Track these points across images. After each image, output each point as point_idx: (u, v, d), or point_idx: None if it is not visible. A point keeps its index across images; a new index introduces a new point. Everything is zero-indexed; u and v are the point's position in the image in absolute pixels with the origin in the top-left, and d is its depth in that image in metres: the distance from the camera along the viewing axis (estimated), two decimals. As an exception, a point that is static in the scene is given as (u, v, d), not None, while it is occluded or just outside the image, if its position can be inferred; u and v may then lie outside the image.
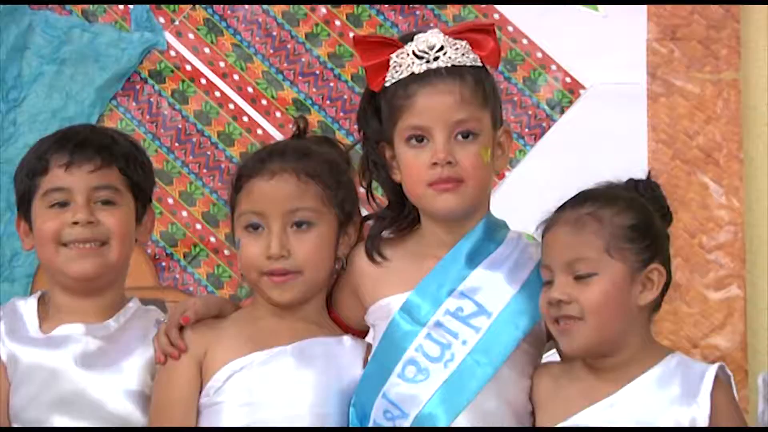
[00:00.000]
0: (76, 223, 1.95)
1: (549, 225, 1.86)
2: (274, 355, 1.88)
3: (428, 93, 1.84)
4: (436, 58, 1.82)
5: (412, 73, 1.85)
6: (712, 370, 1.78)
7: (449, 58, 1.83)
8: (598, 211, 1.80)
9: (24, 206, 2.02)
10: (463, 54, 1.86)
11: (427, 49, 1.83)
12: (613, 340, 1.80)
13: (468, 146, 1.84)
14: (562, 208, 1.86)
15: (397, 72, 1.88)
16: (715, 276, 2.85)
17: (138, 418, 1.93)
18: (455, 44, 1.85)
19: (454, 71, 1.84)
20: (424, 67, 1.83)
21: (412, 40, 1.87)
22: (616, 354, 1.82)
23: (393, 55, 1.87)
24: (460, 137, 1.83)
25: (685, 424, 1.79)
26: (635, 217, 1.81)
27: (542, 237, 1.89)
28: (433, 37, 1.83)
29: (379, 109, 1.92)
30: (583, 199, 1.84)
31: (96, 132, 2.18)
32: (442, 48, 1.83)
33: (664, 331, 2.73)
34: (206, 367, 1.90)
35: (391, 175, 1.92)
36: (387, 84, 1.88)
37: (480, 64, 1.86)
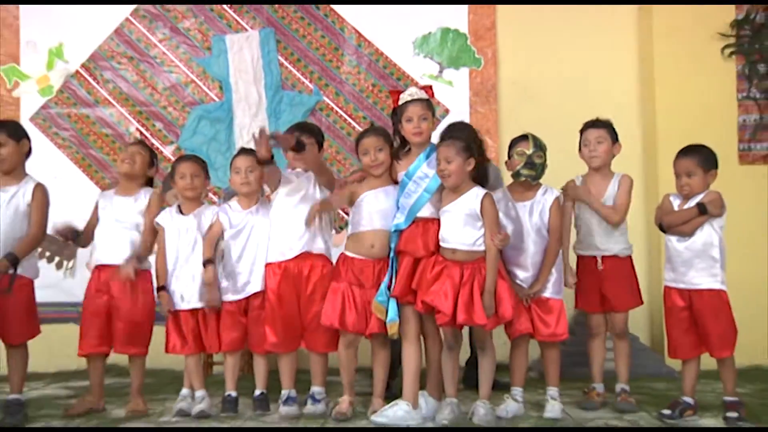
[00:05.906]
0: None
1: (441, 141, 3.70)
2: (375, 190, 3.87)
3: (412, 106, 3.81)
4: (415, 95, 3.84)
5: (407, 101, 3.82)
6: (483, 191, 3.61)
7: (418, 95, 3.82)
8: (455, 139, 3.70)
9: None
10: (423, 93, 3.83)
11: (412, 93, 3.87)
12: (459, 182, 3.66)
13: (425, 122, 3.81)
14: (444, 133, 3.78)
15: (402, 101, 3.84)
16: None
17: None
18: (420, 91, 3.86)
19: (420, 100, 3.82)
20: (410, 98, 3.83)
21: (405, 90, 3.86)
22: (459, 186, 3.64)
23: (401, 95, 3.85)
24: (423, 121, 3.81)
25: (474, 214, 3.59)
26: (466, 140, 3.68)
27: (438, 144, 3.66)
28: (413, 89, 3.87)
29: (397, 113, 3.85)
30: (450, 130, 3.80)
31: (308, 123, 4.74)
32: (416, 92, 3.84)
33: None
34: (352, 198, 3.91)
35: (402, 134, 3.82)
36: (400, 104, 3.84)
37: (428, 98, 3.85)
